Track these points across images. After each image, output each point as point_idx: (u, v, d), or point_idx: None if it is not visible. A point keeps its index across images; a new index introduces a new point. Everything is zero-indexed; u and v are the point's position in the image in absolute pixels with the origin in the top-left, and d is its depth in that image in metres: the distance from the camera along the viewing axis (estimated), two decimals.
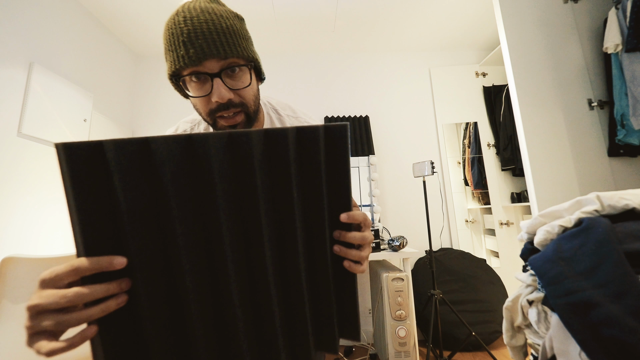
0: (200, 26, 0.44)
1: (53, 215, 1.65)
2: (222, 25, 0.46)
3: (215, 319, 0.32)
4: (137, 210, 0.28)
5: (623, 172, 1.44)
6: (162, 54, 2.49)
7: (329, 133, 0.36)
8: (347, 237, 0.37)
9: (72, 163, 0.27)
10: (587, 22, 1.56)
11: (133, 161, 0.28)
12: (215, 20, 0.45)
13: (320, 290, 0.37)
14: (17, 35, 1.47)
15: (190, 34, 0.44)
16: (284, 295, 0.35)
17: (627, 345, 0.37)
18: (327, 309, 0.38)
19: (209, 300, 0.31)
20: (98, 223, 0.28)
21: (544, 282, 0.51)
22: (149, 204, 0.29)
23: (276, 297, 0.34)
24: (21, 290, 0.95)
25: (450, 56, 2.62)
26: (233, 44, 0.46)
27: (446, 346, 1.82)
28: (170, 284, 0.30)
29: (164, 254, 0.30)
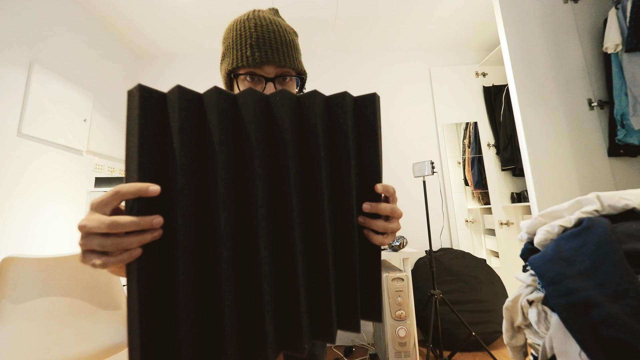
0: (268, 34, 0.50)
1: (53, 215, 1.65)
2: (285, 38, 0.52)
3: (242, 274, 0.33)
4: (189, 158, 0.31)
5: (623, 172, 1.44)
6: (161, 54, 2.49)
7: (360, 102, 0.38)
8: (378, 207, 0.37)
9: (144, 103, 0.30)
10: (587, 22, 1.56)
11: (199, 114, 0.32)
12: (281, 32, 0.51)
13: (344, 263, 0.37)
14: (17, 35, 1.47)
15: (258, 39, 0.49)
16: (309, 262, 0.35)
17: (627, 345, 0.37)
18: (351, 282, 0.37)
19: (238, 253, 0.32)
20: (153, 165, 0.30)
21: (544, 282, 0.51)
22: (200, 155, 0.32)
23: (301, 263, 0.34)
24: (21, 290, 0.95)
25: (450, 56, 2.62)
26: (291, 56, 0.52)
27: (446, 346, 1.82)
28: (205, 227, 0.32)
29: (202, 201, 0.32)
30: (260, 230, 0.32)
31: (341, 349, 1.98)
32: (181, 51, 2.47)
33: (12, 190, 1.43)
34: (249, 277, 0.33)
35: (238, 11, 2.01)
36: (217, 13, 2.04)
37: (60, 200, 1.69)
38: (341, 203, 0.37)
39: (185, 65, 2.51)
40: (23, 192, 1.48)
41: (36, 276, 0.96)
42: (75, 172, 1.80)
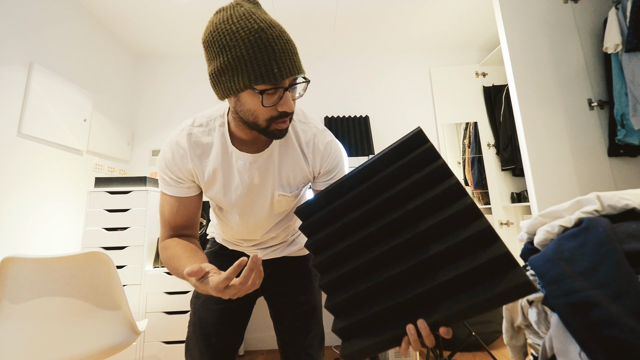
0: (285, 46, 0.52)
1: (53, 215, 1.65)
2: (294, 46, 0.54)
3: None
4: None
5: (623, 172, 1.45)
6: (162, 54, 2.49)
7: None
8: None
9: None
10: (587, 22, 1.56)
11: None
12: (291, 41, 0.54)
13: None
14: (17, 35, 1.47)
15: (280, 52, 0.51)
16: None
17: (627, 345, 0.37)
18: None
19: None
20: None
21: (544, 282, 0.51)
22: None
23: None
24: (21, 290, 0.95)
25: (450, 56, 2.62)
26: (301, 63, 0.55)
27: (446, 346, 1.82)
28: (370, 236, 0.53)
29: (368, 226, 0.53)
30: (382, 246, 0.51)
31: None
32: (181, 51, 2.47)
33: (12, 190, 1.43)
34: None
35: None
36: None
37: (60, 200, 1.69)
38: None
39: (185, 65, 2.51)
40: (23, 192, 1.48)
41: (36, 276, 0.96)
42: (75, 172, 1.80)
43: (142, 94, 2.44)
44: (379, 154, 0.56)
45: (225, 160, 0.68)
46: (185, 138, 0.66)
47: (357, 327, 0.49)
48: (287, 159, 0.70)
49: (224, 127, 0.67)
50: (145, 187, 1.70)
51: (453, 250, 0.45)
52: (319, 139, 0.71)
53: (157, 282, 1.61)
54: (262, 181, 0.70)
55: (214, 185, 0.69)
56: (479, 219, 0.45)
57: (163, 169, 0.67)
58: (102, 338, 1.04)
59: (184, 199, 0.68)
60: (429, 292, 0.45)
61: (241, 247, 0.85)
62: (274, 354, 1.95)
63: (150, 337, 1.56)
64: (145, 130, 2.39)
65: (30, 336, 0.95)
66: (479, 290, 0.42)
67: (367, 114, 2.45)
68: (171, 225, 0.69)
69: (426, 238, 0.48)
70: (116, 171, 2.12)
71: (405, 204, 0.51)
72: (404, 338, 0.44)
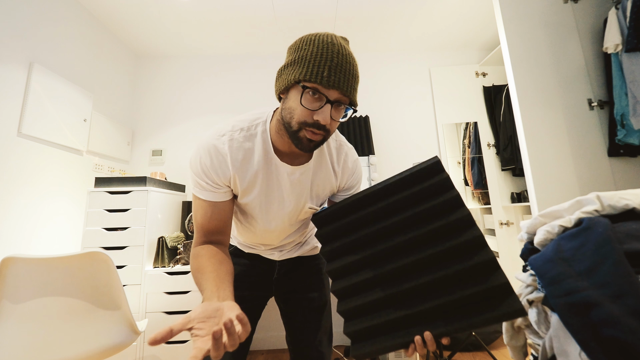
0: (346, 65, 0.57)
1: (53, 215, 1.65)
2: (356, 72, 0.60)
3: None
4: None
5: (623, 172, 1.44)
6: (162, 54, 2.49)
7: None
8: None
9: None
10: (587, 22, 1.56)
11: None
12: (355, 67, 0.59)
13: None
14: (17, 35, 1.47)
15: (337, 65, 0.56)
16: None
17: (627, 345, 0.37)
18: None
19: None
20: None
21: (544, 282, 0.51)
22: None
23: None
24: (21, 290, 0.95)
25: (450, 56, 2.62)
26: (354, 89, 0.59)
27: (446, 346, 1.82)
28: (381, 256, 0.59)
29: (381, 245, 0.59)
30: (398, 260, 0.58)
31: (341, 348, 1.98)
32: (181, 51, 2.47)
33: (12, 190, 1.43)
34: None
35: (238, 11, 2.02)
36: (217, 13, 2.04)
37: (60, 200, 1.69)
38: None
39: (185, 65, 2.51)
40: (23, 192, 1.48)
41: (36, 276, 0.96)
42: (75, 172, 1.80)
43: (142, 94, 2.44)
44: (396, 177, 0.62)
45: (267, 167, 0.68)
46: (226, 144, 0.65)
47: (368, 331, 0.55)
48: (321, 174, 0.74)
49: (266, 134, 0.68)
50: (145, 187, 1.70)
51: (459, 275, 0.52)
52: (349, 157, 0.77)
53: (157, 282, 1.61)
54: (296, 193, 0.72)
55: (253, 191, 0.69)
56: (484, 249, 0.52)
57: (199, 174, 0.65)
58: (102, 338, 1.04)
59: (218, 204, 0.68)
60: (436, 308, 0.51)
61: (257, 250, 0.86)
62: (274, 353, 1.95)
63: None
64: (145, 130, 2.39)
65: (30, 336, 0.95)
66: (479, 311, 0.49)
67: (367, 114, 2.45)
68: (204, 230, 0.68)
69: (436, 260, 0.54)
70: (116, 171, 2.12)
71: (419, 226, 0.57)
72: (411, 345, 0.51)
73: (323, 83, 0.55)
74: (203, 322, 0.45)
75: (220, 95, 2.47)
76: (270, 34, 2.30)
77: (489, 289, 0.49)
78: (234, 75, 2.51)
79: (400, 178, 0.61)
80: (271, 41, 2.39)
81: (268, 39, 2.35)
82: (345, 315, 0.59)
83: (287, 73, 0.59)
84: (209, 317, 0.46)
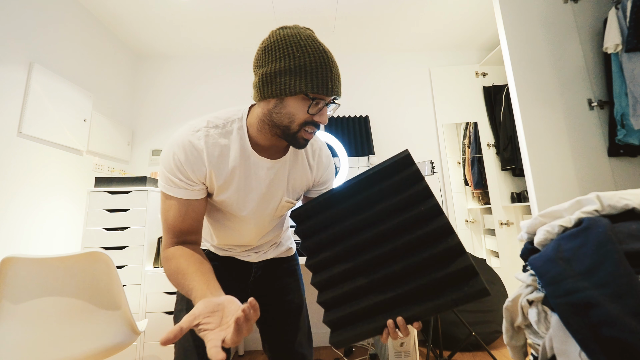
0: (337, 71, 0.63)
1: (53, 215, 1.65)
2: (341, 75, 0.66)
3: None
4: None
5: (623, 172, 1.44)
6: (162, 54, 2.49)
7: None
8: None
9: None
10: (587, 22, 1.56)
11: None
12: (340, 72, 0.65)
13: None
14: (17, 35, 1.47)
15: (335, 74, 0.62)
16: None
17: (627, 345, 0.37)
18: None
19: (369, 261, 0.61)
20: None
21: (544, 282, 0.51)
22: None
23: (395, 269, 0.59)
24: (21, 290, 0.95)
25: (450, 56, 2.62)
26: (341, 89, 0.65)
27: (446, 346, 1.82)
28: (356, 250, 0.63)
29: (357, 240, 0.62)
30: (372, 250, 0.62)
31: (341, 348, 1.98)
32: (181, 51, 2.47)
33: (12, 190, 1.43)
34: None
35: (238, 11, 2.02)
36: (217, 13, 2.04)
37: (60, 200, 1.69)
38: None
39: (185, 65, 2.51)
40: (23, 192, 1.48)
41: (36, 276, 0.96)
42: (75, 172, 1.80)
43: (142, 94, 2.44)
44: (369, 171, 0.65)
45: (244, 163, 0.68)
46: (202, 139, 0.64)
47: (345, 319, 0.59)
48: (297, 167, 0.76)
49: (243, 131, 0.68)
50: (145, 187, 1.70)
51: (428, 261, 0.56)
52: (323, 152, 0.80)
53: (157, 282, 1.61)
54: (274, 187, 0.73)
55: (230, 187, 0.69)
56: (451, 235, 0.56)
57: (172, 171, 0.63)
58: (102, 338, 1.04)
59: (192, 202, 0.66)
60: (406, 294, 0.55)
61: (232, 252, 0.84)
62: None
63: (150, 337, 1.56)
64: (145, 130, 2.39)
65: (30, 336, 0.95)
66: (446, 293, 0.53)
67: (367, 114, 2.45)
68: (176, 231, 0.65)
69: (406, 249, 0.58)
70: (116, 171, 2.12)
71: (392, 218, 0.60)
72: (385, 330, 0.55)
73: (327, 93, 0.60)
74: (209, 317, 0.47)
75: (220, 95, 2.47)
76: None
77: (454, 272, 0.53)
78: (234, 75, 2.51)
79: (373, 172, 0.64)
80: None
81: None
82: (325, 306, 0.62)
83: (286, 82, 0.59)
84: (213, 312, 0.48)
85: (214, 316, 0.47)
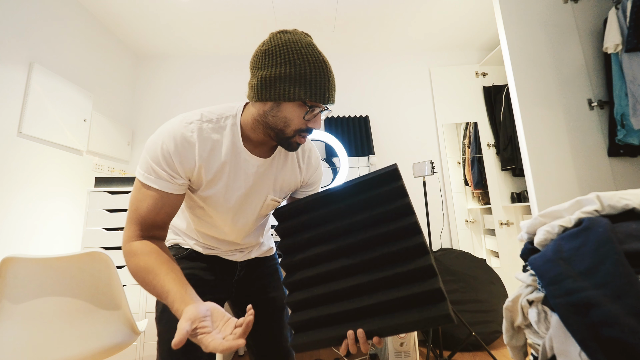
0: (334, 80, 0.65)
1: (53, 215, 1.65)
2: (336, 83, 0.70)
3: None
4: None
5: (623, 172, 1.44)
6: (162, 54, 2.49)
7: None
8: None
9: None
10: (587, 22, 1.56)
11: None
12: (335, 80, 0.67)
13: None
14: (17, 35, 1.47)
15: (332, 83, 0.64)
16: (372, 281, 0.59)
17: (627, 345, 0.37)
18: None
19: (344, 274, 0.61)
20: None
21: (544, 282, 0.51)
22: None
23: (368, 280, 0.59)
24: (21, 290, 0.95)
25: (450, 56, 2.62)
26: (335, 97, 0.67)
27: (446, 346, 1.82)
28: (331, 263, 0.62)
29: (331, 251, 0.62)
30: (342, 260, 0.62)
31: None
32: (181, 51, 2.47)
33: (12, 190, 1.43)
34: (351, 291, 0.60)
35: (238, 11, 2.02)
36: (217, 13, 2.04)
37: (60, 200, 1.69)
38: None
39: (185, 65, 2.51)
40: (23, 192, 1.48)
41: (36, 276, 0.96)
42: (75, 172, 1.80)
43: (142, 94, 2.44)
44: (356, 180, 0.65)
45: (234, 159, 0.69)
46: (195, 132, 0.64)
47: (308, 323, 0.59)
48: (286, 167, 0.77)
49: (236, 127, 0.68)
50: None
51: (397, 278, 0.55)
52: (312, 154, 0.82)
53: None
54: (261, 184, 0.74)
55: (218, 183, 0.69)
56: (425, 256, 0.56)
57: (157, 161, 0.61)
58: (102, 338, 1.04)
59: (171, 196, 0.64)
60: (371, 307, 0.55)
61: (217, 251, 0.83)
62: None
63: (150, 337, 1.56)
64: (145, 130, 2.39)
65: (30, 336, 0.95)
66: (411, 313, 0.53)
67: (367, 114, 2.45)
68: (147, 224, 0.62)
69: (379, 263, 0.58)
70: (116, 171, 2.12)
71: (370, 229, 0.61)
72: (344, 341, 0.54)
73: (324, 101, 0.63)
74: (203, 322, 0.50)
75: (220, 95, 2.47)
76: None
77: (421, 293, 0.53)
78: (234, 75, 2.51)
79: (360, 182, 0.64)
80: None
81: None
82: (292, 307, 0.63)
83: (285, 88, 0.61)
84: (205, 317, 0.51)
85: (206, 320, 0.51)
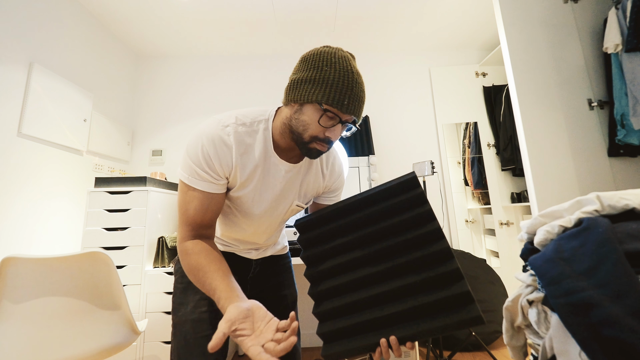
0: (361, 94, 0.65)
1: (53, 215, 1.65)
2: (365, 97, 0.67)
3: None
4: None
5: (623, 172, 1.44)
6: (162, 54, 2.49)
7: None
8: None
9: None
10: (587, 22, 1.56)
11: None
12: (365, 92, 0.66)
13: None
14: (17, 35, 1.47)
15: (355, 94, 0.63)
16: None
17: (627, 345, 0.37)
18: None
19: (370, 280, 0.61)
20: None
21: (544, 282, 0.51)
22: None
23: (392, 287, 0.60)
24: (21, 290, 0.95)
25: (450, 56, 2.62)
26: (362, 111, 0.67)
27: (446, 346, 1.82)
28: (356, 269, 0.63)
29: (356, 259, 0.63)
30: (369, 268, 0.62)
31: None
32: (181, 51, 2.47)
33: (12, 190, 1.43)
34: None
35: (238, 11, 2.02)
36: (217, 13, 2.04)
37: (60, 200, 1.69)
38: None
39: (185, 65, 2.51)
40: (23, 192, 1.48)
41: (36, 276, 0.96)
42: (75, 172, 1.80)
43: (142, 94, 2.44)
44: (376, 189, 0.66)
45: (265, 163, 0.71)
46: (231, 135, 0.66)
47: (339, 333, 0.59)
48: (311, 173, 0.78)
49: (268, 132, 0.70)
50: (145, 187, 1.70)
51: (426, 283, 0.56)
52: (336, 161, 0.83)
53: (157, 282, 1.61)
54: (288, 190, 0.75)
55: (249, 185, 0.70)
56: (450, 260, 0.57)
57: (199, 164, 0.64)
58: (102, 338, 1.04)
59: (215, 196, 0.67)
60: (402, 313, 0.56)
61: (234, 248, 0.85)
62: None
63: (150, 337, 1.56)
64: (145, 130, 2.39)
65: (30, 336, 0.95)
66: (441, 316, 0.54)
67: (367, 114, 2.45)
68: (196, 224, 0.66)
69: (405, 269, 0.59)
70: (116, 171, 2.12)
71: (393, 237, 0.61)
72: (377, 348, 0.55)
73: (342, 109, 0.62)
74: (243, 323, 0.51)
75: (220, 95, 2.47)
76: (270, 34, 2.30)
77: (450, 297, 0.54)
78: (234, 75, 2.51)
79: (379, 190, 0.65)
80: (271, 41, 2.39)
81: (268, 39, 2.35)
82: (320, 317, 0.63)
83: (307, 89, 0.63)
84: (246, 317, 0.51)
85: (247, 322, 0.51)
